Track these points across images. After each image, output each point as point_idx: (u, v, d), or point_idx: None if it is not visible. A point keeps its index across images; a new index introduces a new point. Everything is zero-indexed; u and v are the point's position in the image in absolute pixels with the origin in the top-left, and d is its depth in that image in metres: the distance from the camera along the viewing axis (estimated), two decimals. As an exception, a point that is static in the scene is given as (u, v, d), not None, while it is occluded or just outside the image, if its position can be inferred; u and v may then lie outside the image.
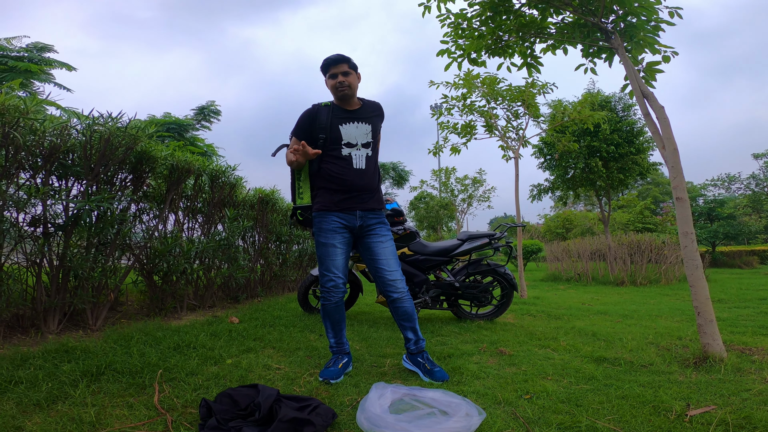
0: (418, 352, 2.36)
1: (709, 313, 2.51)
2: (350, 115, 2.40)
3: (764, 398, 1.86)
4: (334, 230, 2.31)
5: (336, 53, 2.37)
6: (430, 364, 2.31)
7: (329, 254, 2.31)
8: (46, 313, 2.78)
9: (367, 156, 2.38)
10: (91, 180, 2.88)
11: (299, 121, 2.40)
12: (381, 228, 2.41)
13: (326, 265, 2.31)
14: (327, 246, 2.31)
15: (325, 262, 2.32)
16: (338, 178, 2.32)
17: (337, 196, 2.33)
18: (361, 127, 2.39)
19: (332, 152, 2.34)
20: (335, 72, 2.33)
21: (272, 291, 5.80)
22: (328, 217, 2.32)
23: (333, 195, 2.33)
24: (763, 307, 5.08)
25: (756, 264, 17.70)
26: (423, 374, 2.27)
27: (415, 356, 2.35)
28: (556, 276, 11.43)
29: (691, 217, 2.72)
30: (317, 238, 2.34)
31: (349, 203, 2.33)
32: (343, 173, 2.32)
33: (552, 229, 26.80)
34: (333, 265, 2.30)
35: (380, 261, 2.36)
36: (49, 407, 1.65)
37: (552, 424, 1.65)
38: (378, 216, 2.42)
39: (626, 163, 11.20)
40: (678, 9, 2.95)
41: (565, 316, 4.47)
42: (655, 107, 2.82)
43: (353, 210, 2.34)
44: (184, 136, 12.89)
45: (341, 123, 2.36)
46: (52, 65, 10.84)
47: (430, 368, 2.27)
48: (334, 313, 2.35)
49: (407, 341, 2.39)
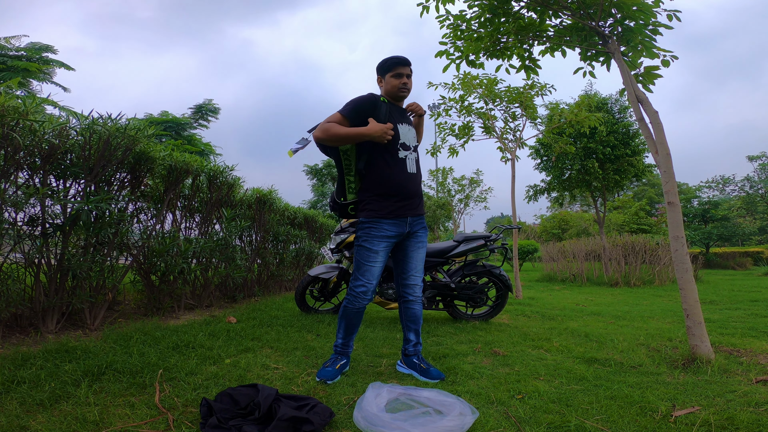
0: (414, 353, 2.41)
1: (698, 315, 2.57)
2: (403, 116, 2.40)
3: (748, 400, 1.91)
4: (382, 238, 2.25)
5: (402, 55, 2.36)
6: (425, 364, 2.37)
7: (369, 260, 2.25)
8: (44, 312, 2.80)
9: (416, 159, 2.39)
10: (90, 180, 2.90)
11: (359, 104, 2.25)
12: (423, 233, 2.43)
13: (362, 270, 2.25)
14: (370, 252, 2.24)
15: (362, 266, 2.26)
16: (394, 183, 2.26)
17: (392, 202, 2.26)
18: (411, 130, 2.40)
19: (388, 153, 2.27)
20: (402, 72, 2.31)
21: (269, 291, 5.83)
22: (381, 224, 2.25)
23: (387, 201, 2.26)
24: (754, 308, 5.15)
25: (749, 265, 17.88)
26: (419, 375, 2.32)
27: (410, 357, 2.40)
28: (551, 276, 11.52)
29: (683, 221, 2.77)
30: (362, 242, 2.26)
31: (402, 210, 2.28)
32: (399, 178, 2.27)
33: (548, 230, 26.92)
34: (369, 272, 2.25)
35: (411, 264, 2.39)
36: (53, 407, 1.68)
37: (542, 423, 1.70)
38: (422, 221, 2.42)
39: (622, 164, 11.30)
40: (677, 12, 2.97)
41: (559, 317, 4.53)
42: (649, 112, 2.87)
43: (405, 216, 2.30)
44: (182, 135, 12.89)
45: (398, 122, 2.32)
46: (50, 65, 10.83)
47: (426, 368, 2.33)
48: (354, 317, 2.32)
49: (407, 342, 2.44)
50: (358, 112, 2.23)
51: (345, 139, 2.20)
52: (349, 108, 2.24)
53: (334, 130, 2.17)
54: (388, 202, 2.26)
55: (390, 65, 2.32)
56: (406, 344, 2.45)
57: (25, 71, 9.83)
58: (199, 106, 16.33)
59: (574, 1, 3.12)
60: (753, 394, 1.98)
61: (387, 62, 2.33)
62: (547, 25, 3.45)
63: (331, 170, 26.22)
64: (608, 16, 3.12)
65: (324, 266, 4.28)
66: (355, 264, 2.29)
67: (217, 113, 16.58)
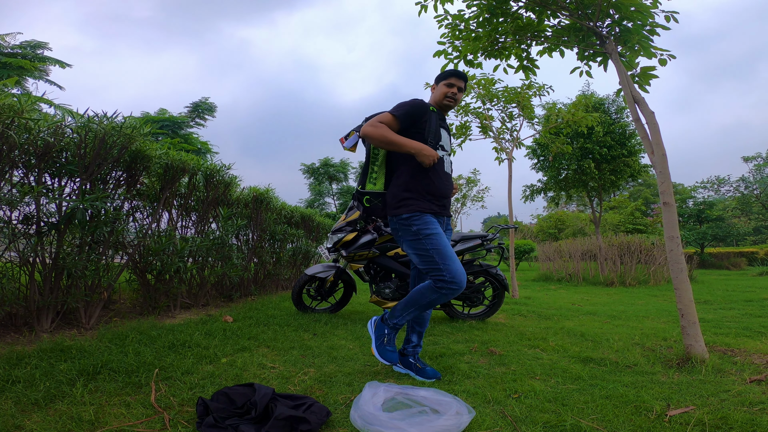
0: (412, 354, 2.43)
1: (693, 315, 2.59)
2: (444, 121, 2.46)
3: (742, 399, 1.93)
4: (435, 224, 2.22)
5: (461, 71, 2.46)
6: (421, 363, 2.39)
7: (442, 242, 2.17)
8: (39, 311, 2.79)
9: (451, 163, 2.46)
10: (85, 179, 2.89)
11: (414, 109, 2.26)
12: (449, 234, 2.47)
13: (444, 255, 2.13)
14: (439, 236, 2.17)
15: (442, 251, 2.14)
16: (435, 183, 2.27)
17: (433, 202, 2.27)
18: (447, 135, 2.45)
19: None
20: (455, 84, 2.38)
21: (266, 290, 5.82)
22: (427, 216, 2.23)
23: (428, 199, 2.25)
24: (749, 308, 5.19)
25: (744, 265, 18.00)
26: (415, 374, 2.33)
27: (407, 357, 2.41)
28: (547, 276, 11.56)
29: (678, 221, 2.79)
30: (425, 231, 2.17)
31: (440, 210, 2.31)
32: (439, 177, 2.30)
33: (544, 230, 27.03)
34: (451, 254, 2.16)
35: None
36: (48, 406, 1.67)
37: (538, 422, 1.71)
38: (449, 222, 2.47)
39: (618, 164, 11.36)
40: (674, 13, 2.99)
41: (555, 317, 4.55)
42: (645, 113, 2.89)
43: (442, 216, 2.35)
44: (179, 133, 12.83)
45: (442, 127, 2.39)
46: (45, 62, 10.77)
47: (422, 367, 2.35)
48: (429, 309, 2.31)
49: (408, 342, 2.45)
50: (411, 117, 2.25)
51: (392, 146, 2.19)
52: (403, 112, 2.23)
53: (386, 133, 2.17)
54: (429, 201, 2.26)
55: (446, 75, 2.41)
56: (406, 344, 2.45)
57: (20, 69, 9.76)
58: (195, 105, 16.26)
59: (573, 2, 3.13)
60: (747, 393, 2.00)
61: (445, 72, 2.42)
62: (545, 26, 3.45)
63: (329, 170, 26.20)
64: (606, 17, 3.13)
65: (321, 265, 4.27)
66: (437, 254, 2.13)
67: (213, 111, 16.52)
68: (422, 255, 2.18)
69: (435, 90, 2.45)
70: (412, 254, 2.24)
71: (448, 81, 2.39)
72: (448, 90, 2.38)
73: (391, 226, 2.33)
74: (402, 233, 2.26)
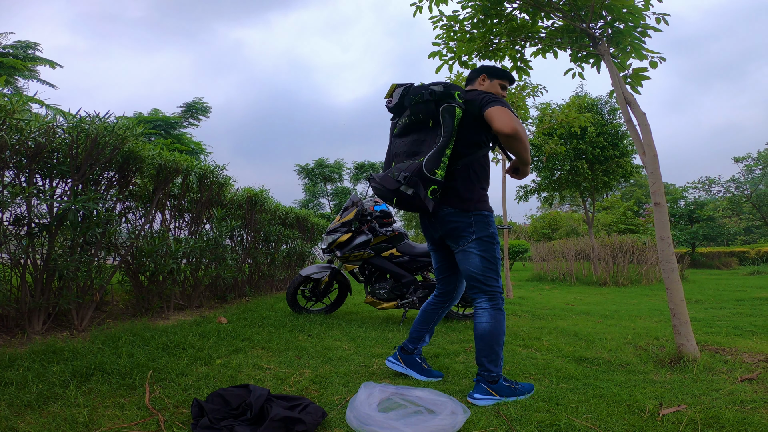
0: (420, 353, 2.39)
1: (684, 314, 2.62)
2: None
3: (733, 398, 1.95)
4: None
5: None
6: (426, 363, 2.37)
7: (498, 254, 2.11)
8: (30, 313, 2.76)
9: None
10: (77, 179, 2.86)
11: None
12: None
13: (497, 268, 2.08)
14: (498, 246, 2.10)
15: (497, 263, 2.08)
16: (489, 181, 2.21)
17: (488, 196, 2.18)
18: None
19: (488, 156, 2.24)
20: (506, 86, 2.29)
21: (260, 291, 5.81)
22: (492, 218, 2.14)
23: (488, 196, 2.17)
24: (739, 308, 5.25)
25: (734, 265, 18.21)
26: (420, 375, 2.29)
27: (413, 356, 2.34)
28: (541, 276, 11.62)
29: (669, 221, 2.82)
30: (498, 238, 2.11)
31: None
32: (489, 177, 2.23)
33: (538, 230, 27.18)
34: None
35: None
36: (41, 408, 1.66)
37: (533, 422, 1.72)
38: None
39: (611, 165, 11.45)
40: (665, 15, 3.03)
41: (548, 316, 4.58)
42: (637, 114, 2.92)
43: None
44: (171, 134, 12.75)
45: None
46: (36, 62, 10.67)
47: (428, 367, 2.34)
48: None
49: (421, 341, 2.37)
50: None
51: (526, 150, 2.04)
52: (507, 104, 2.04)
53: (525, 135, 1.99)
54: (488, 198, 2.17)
55: (505, 75, 2.28)
56: (418, 343, 2.36)
57: (11, 68, 9.65)
58: (189, 105, 16.16)
59: (566, 3, 3.15)
60: (738, 392, 2.02)
61: (505, 72, 2.28)
62: (539, 27, 3.48)
63: (323, 170, 26.12)
64: (599, 18, 3.16)
65: (315, 266, 4.27)
66: (497, 263, 2.07)
67: (207, 112, 16.43)
68: (488, 260, 2.04)
69: (485, 83, 2.25)
70: (477, 254, 2.04)
71: (504, 83, 2.28)
72: (502, 92, 2.26)
73: (460, 220, 2.05)
74: (476, 230, 2.04)
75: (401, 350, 2.36)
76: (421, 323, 2.38)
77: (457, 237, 2.08)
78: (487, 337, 2.02)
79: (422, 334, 2.38)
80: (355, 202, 4.15)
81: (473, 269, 2.05)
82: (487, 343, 2.02)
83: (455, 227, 2.07)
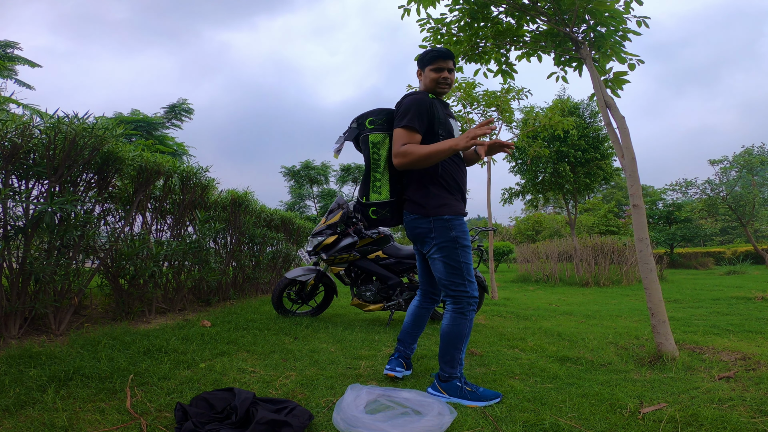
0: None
1: (662, 314, 2.68)
2: (448, 109, 2.25)
3: (711, 396, 2.00)
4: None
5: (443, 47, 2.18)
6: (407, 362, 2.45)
7: (470, 258, 2.10)
8: (6, 317, 2.67)
9: (463, 155, 2.28)
10: (54, 181, 2.79)
11: (422, 108, 2.05)
12: None
13: (470, 270, 2.08)
14: (470, 250, 2.09)
15: (469, 267, 2.08)
16: (457, 181, 2.13)
17: (459, 199, 2.14)
18: (456, 123, 2.25)
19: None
20: (443, 66, 2.13)
21: (245, 294, 5.73)
22: (464, 222, 2.11)
23: (457, 198, 2.13)
24: (716, 307, 5.39)
25: (711, 265, 18.71)
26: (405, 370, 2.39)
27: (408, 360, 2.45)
28: (525, 277, 11.76)
29: (647, 223, 2.89)
30: (463, 241, 2.05)
31: (464, 209, 2.17)
32: (459, 174, 2.16)
33: (523, 231, 27.51)
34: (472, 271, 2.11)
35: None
36: (19, 413, 1.61)
37: (518, 422, 1.74)
38: None
39: (592, 168, 11.66)
40: (645, 18, 3.11)
41: (533, 317, 4.64)
42: (616, 117, 2.98)
43: (465, 215, 2.18)
44: (153, 135, 12.52)
45: (448, 115, 2.18)
46: (15, 61, 10.39)
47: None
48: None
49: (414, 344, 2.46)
50: (423, 118, 2.05)
51: (433, 158, 1.97)
52: (413, 117, 2.02)
53: (418, 152, 1.96)
54: (458, 200, 2.13)
55: (430, 58, 2.15)
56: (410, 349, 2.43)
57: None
58: (172, 106, 15.92)
59: (551, 7, 3.21)
60: (716, 390, 2.07)
61: (427, 54, 2.16)
62: (524, 31, 3.54)
63: (309, 172, 26.03)
64: (582, 22, 3.23)
65: (301, 269, 4.24)
66: (465, 269, 2.06)
67: (191, 113, 16.21)
68: (452, 265, 2.05)
69: (422, 77, 2.20)
70: (439, 260, 2.06)
71: (436, 65, 2.14)
72: (437, 75, 2.14)
73: (420, 226, 2.09)
74: (437, 235, 2.05)
75: (404, 358, 2.40)
76: (415, 326, 2.41)
77: (422, 242, 2.13)
78: (446, 339, 2.08)
79: (417, 337, 2.43)
80: (341, 205, 4.13)
81: (438, 274, 2.10)
82: (445, 344, 2.08)
83: (418, 232, 2.11)
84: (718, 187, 19.13)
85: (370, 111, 2.18)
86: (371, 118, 2.14)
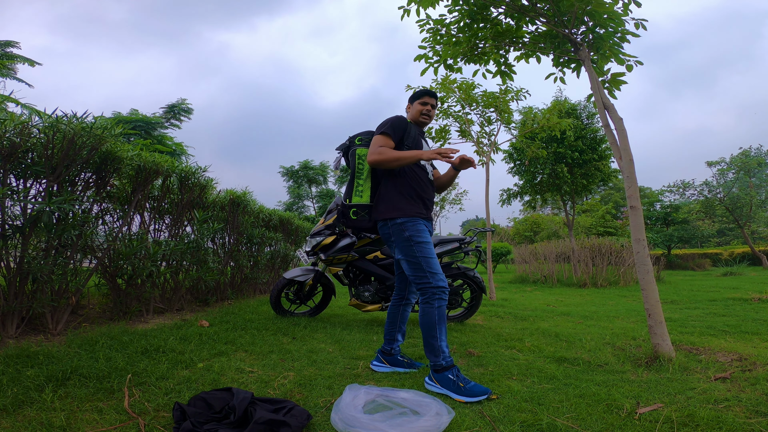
0: (399, 351, 2.63)
1: (659, 315, 2.69)
2: (423, 134, 2.71)
3: (707, 397, 2.01)
4: (425, 231, 2.38)
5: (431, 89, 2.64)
6: (408, 358, 2.61)
7: (431, 252, 2.33)
8: (3, 317, 2.67)
9: (432, 171, 2.67)
10: (53, 180, 2.78)
11: (398, 123, 2.48)
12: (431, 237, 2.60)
13: (432, 263, 2.31)
14: (428, 244, 2.34)
15: (430, 260, 2.31)
16: (421, 186, 2.47)
17: (420, 204, 2.44)
18: (428, 146, 2.67)
19: (417, 164, 2.52)
20: (428, 102, 2.62)
21: (243, 294, 5.73)
22: (418, 221, 2.38)
23: (417, 203, 2.43)
24: (713, 308, 5.41)
25: (708, 266, 18.79)
26: (404, 368, 2.51)
27: (394, 356, 2.57)
28: (523, 278, 11.78)
29: (644, 224, 2.90)
30: (417, 239, 2.33)
31: (427, 213, 2.48)
32: (424, 182, 2.49)
33: (521, 232, 27.55)
34: (437, 263, 2.33)
35: None
36: (16, 412, 1.61)
37: (516, 422, 1.74)
38: (430, 225, 2.57)
39: (589, 169, 11.68)
40: (643, 21, 3.13)
41: (530, 318, 4.65)
42: (614, 118, 3.00)
43: (429, 220, 2.50)
44: (152, 135, 12.50)
45: (423, 139, 2.61)
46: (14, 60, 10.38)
47: (408, 361, 2.57)
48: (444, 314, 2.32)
49: (395, 341, 2.60)
50: (397, 130, 2.45)
51: (402, 161, 2.34)
52: (390, 127, 2.45)
53: (390, 154, 2.34)
54: (418, 205, 2.43)
55: (419, 94, 2.64)
56: (393, 344, 2.58)
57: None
58: (171, 106, 15.89)
59: (550, 9, 3.22)
60: (712, 391, 2.08)
61: (418, 92, 2.66)
62: (523, 32, 3.55)
63: (308, 172, 26.02)
64: (581, 24, 3.24)
65: (299, 269, 4.24)
66: (425, 262, 2.30)
67: (190, 113, 16.18)
68: (411, 261, 2.32)
69: (410, 109, 2.65)
70: (402, 259, 2.36)
71: (422, 100, 2.62)
72: (422, 108, 2.61)
73: (383, 231, 2.44)
74: (395, 238, 2.38)
75: (382, 353, 2.57)
76: (390, 324, 2.62)
77: (390, 245, 2.46)
78: (422, 329, 2.28)
79: (394, 334, 2.59)
80: (339, 205, 4.14)
81: (406, 272, 2.38)
82: (423, 334, 2.28)
83: (383, 236, 2.47)
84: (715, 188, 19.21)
85: (361, 132, 2.65)
86: (360, 136, 2.61)
